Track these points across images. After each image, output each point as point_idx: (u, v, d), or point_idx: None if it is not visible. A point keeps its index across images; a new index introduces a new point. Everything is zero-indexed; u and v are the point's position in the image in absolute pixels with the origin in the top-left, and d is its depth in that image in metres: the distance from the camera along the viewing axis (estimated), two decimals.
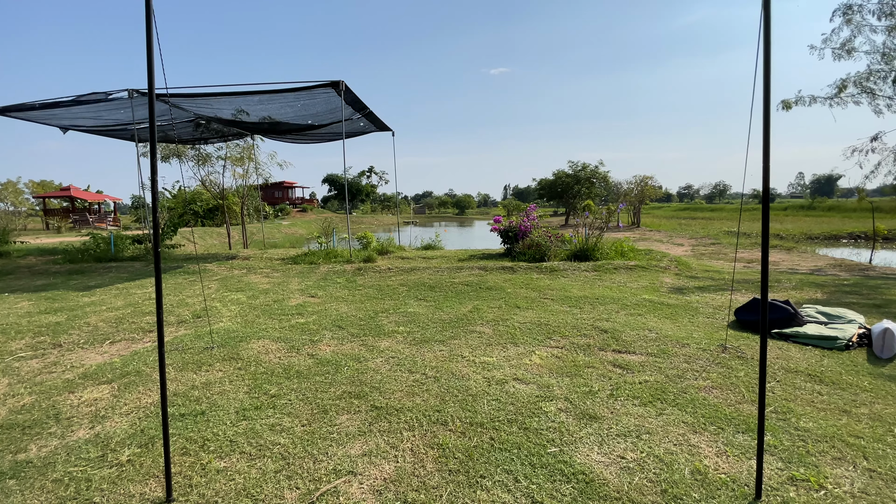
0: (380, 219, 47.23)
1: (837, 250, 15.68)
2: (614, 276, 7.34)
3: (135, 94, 9.32)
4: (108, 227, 26.90)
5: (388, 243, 11.32)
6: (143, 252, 11.03)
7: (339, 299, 5.95)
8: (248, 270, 8.63)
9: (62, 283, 7.42)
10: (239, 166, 15.71)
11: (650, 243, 16.14)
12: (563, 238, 9.75)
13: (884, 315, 4.66)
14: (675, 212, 49.40)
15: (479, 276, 7.33)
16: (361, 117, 11.01)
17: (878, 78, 11.11)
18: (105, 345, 4.14)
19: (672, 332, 4.20)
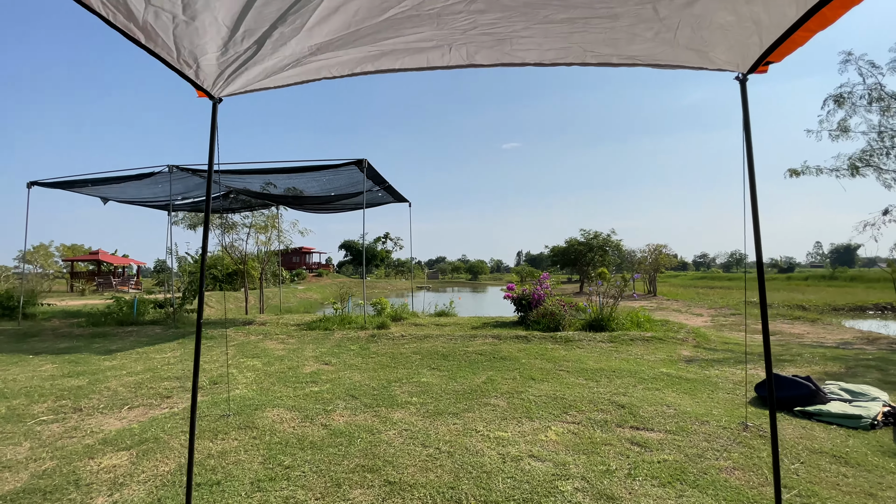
0: (393, 284, 47.62)
1: (864, 322, 15.16)
2: (630, 347, 7.24)
3: (174, 169, 10.18)
4: (130, 290, 27.67)
5: (401, 309, 11.42)
6: (163, 316, 11.31)
7: (352, 367, 5.98)
8: (264, 336, 8.75)
9: (85, 347, 7.62)
10: (262, 234, 16.46)
11: (668, 313, 15.89)
12: (577, 306, 9.75)
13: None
14: (692, 280, 48.78)
15: (493, 346, 7.31)
16: (380, 189, 11.70)
17: (880, 154, 11.48)
18: (124, 410, 4.21)
19: (691, 408, 4.11)
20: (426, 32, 1.82)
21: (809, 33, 1.47)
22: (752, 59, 1.73)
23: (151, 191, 11.68)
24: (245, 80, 1.89)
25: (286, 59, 1.84)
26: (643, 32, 1.76)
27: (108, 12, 1.37)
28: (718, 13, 1.59)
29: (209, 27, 1.49)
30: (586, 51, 1.93)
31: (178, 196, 12.33)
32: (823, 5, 1.34)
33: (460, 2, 1.63)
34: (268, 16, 1.53)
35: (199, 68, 1.73)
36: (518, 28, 1.79)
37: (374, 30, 1.75)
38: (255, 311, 16.52)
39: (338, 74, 2.08)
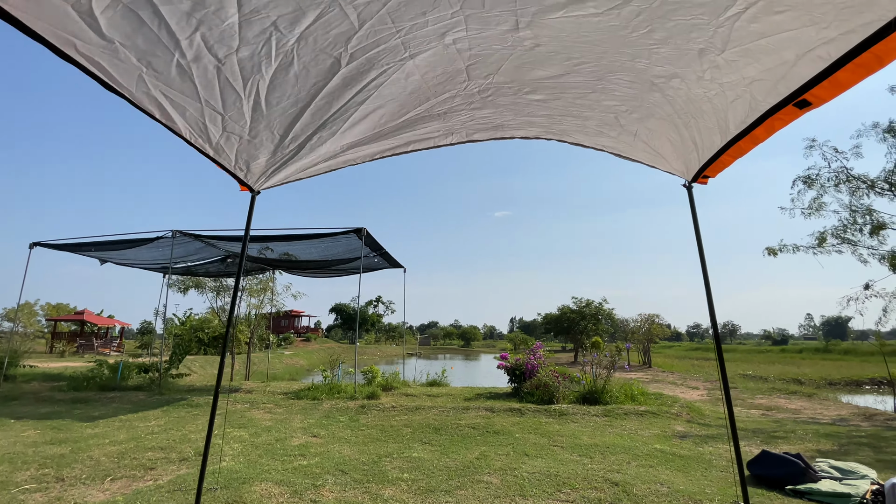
0: (383, 349, 46.55)
1: (860, 397, 15.02)
2: (625, 422, 7.16)
3: (177, 234, 10.50)
4: (112, 352, 26.80)
5: (392, 378, 11.21)
6: (147, 382, 10.98)
7: (341, 440, 5.84)
8: (250, 405, 8.52)
9: (66, 412, 7.37)
10: (255, 297, 16.47)
11: (663, 385, 15.65)
12: (571, 377, 9.69)
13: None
14: (686, 351, 48.28)
15: (487, 419, 7.19)
16: (377, 255, 12.03)
17: (854, 230, 12.01)
18: (107, 481, 4.08)
19: (684, 486, 4.07)
20: (434, 126, 2.21)
21: (732, 158, 1.84)
22: (694, 170, 2.10)
23: (151, 254, 11.91)
24: (283, 175, 2.22)
25: (320, 157, 2.18)
26: (608, 132, 2.15)
27: (192, 137, 1.70)
28: (666, 131, 1.97)
29: (265, 141, 1.82)
30: (563, 133, 2.32)
31: (176, 260, 12.54)
32: (738, 140, 1.71)
33: (462, 104, 2.02)
34: (311, 124, 1.86)
35: (249, 171, 2.05)
36: (507, 118, 2.19)
37: (393, 129, 2.12)
38: (241, 378, 16.02)
39: (360, 161, 2.44)
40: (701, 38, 1.32)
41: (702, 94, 1.59)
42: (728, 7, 1.19)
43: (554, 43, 1.45)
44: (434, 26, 1.39)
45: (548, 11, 1.29)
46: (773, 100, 1.47)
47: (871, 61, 1.17)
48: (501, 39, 1.46)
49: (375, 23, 1.34)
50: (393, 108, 1.91)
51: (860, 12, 1.08)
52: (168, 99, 1.51)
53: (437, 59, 1.57)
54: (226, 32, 1.29)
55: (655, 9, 1.23)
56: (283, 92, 1.62)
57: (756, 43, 1.28)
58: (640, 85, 1.64)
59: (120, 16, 1.17)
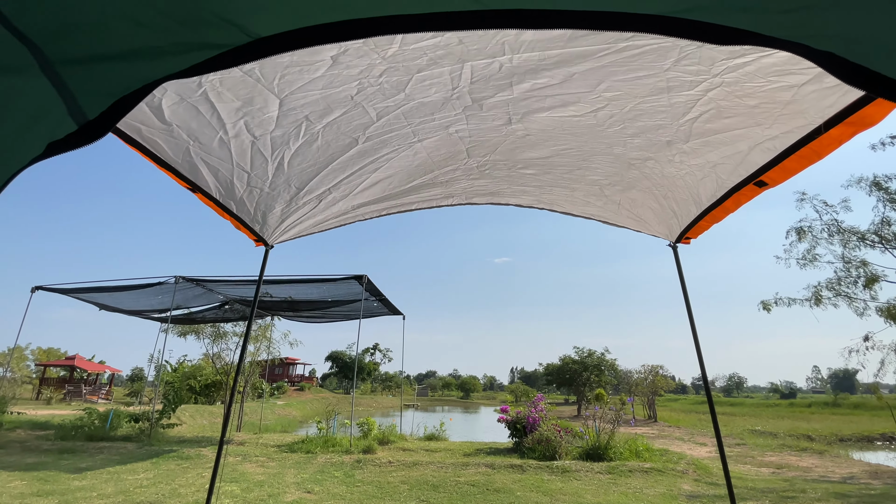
0: (379, 400, 45.10)
1: (872, 454, 14.50)
2: (629, 480, 6.94)
3: (180, 279, 10.64)
4: (100, 399, 26.04)
5: (389, 431, 10.90)
6: (136, 432, 10.66)
7: (336, 497, 5.66)
8: (242, 458, 8.27)
9: (53, 463, 7.15)
10: (252, 344, 16.28)
11: (670, 441, 15.12)
12: (574, 432, 9.44)
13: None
14: (692, 405, 46.81)
15: (487, 475, 6.97)
16: (376, 300, 12.09)
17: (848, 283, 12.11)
18: None
19: None
20: (437, 191, 2.45)
21: (708, 224, 2.06)
22: (676, 234, 2.30)
23: (149, 302, 11.96)
24: (297, 231, 2.42)
25: (332, 214, 2.39)
26: (595, 201, 2.37)
27: (219, 194, 1.90)
28: (647, 200, 2.18)
29: (282, 192, 2.02)
30: (553, 204, 2.54)
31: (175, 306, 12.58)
32: (711, 209, 1.92)
33: (462, 175, 2.26)
34: (325, 182, 2.07)
35: (265, 224, 2.25)
36: (502, 187, 2.43)
37: (400, 193, 2.35)
38: (233, 429, 15.52)
39: (367, 218, 2.67)
40: (667, 133, 1.56)
41: (674, 172, 1.81)
42: (685, 113, 1.43)
43: (542, 133, 1.69)
44: (440, 121, 1.64)
45: (535, 112, 1.53)
46: (735, 179, 1.68)
47: (810, 154, 1.38)
48: (497, 130, 1.70)
49: (391, 119, 1.58)
50: (401, 177, 2.14)
51: (793, 118, 1.30)
52: (206, 164, 1.73)
53: (442, 142, 1.82)
54: (265, 121, 1.53)
55: (626, 113, 1.47)
56: (305, 158, 1.84)
57: (714, 136, 1.51)
58: (619, 165, 1.87)
59: (183, 109, 1.40)
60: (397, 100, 1.46)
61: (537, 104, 1.46)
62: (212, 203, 1.94)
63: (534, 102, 1.45)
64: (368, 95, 1.43)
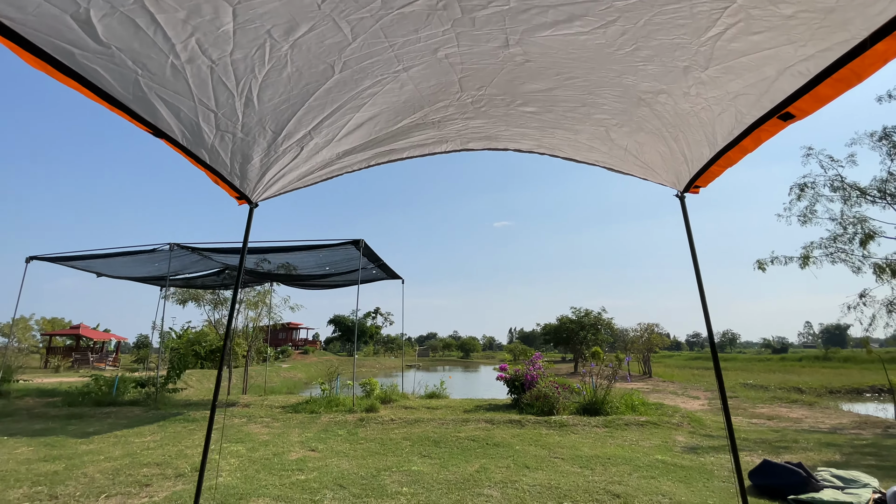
0: (382, 362, 46.20)
1: (861, 405, 14.97)
2: (625, 433, 7.12)
3: (175, 247, 10.51)
4: (108, 367, 26.56)
5: (391, 391, 11.13)
6: (143, 396, 10.87)
7: (340, 454, 5.78)
8: (248, 419, 8.44)
9: (60, 429, 7.28)
10: (252, 310, 16.37)
11: (664, 395, 15.55)
12: (571, 388, 9.63)
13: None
14: (686, 361, 48.08)
15: (486, 431, 7.13)
16: (375, 266, 12.03)
17: (844, 241, 12.14)
18: (101, 499, 4.02)
19: (686, 497, 4.04)
20: (429, 133, 2.25)
21: (721, 168, 1.88)
22: (685, 182, 2.14)
23: (146, 268, 11.89)
24: (281, 185, 2.25)
25: (317, 165, 2.21)
26: (600, 146, 2.19)
27: (187, 140, 1.72)
28: (656, 144, 2.01)
29: (258, 137, 1.83)
30: (555, 149, 2.36)
31: (174, 273, 12.51)
32: (727, 150, 1.75)
33: (455, 113, 2.06)
34: (305, 124, 1.88)
35: (246, 178, 2.07)
36: (500, 129, 2.23)
37: (388, 136, 2.16)
38: (238, 392, 15.87)
39: (356, 168, 2.46)
40: (685, 57, 1.37)
41: (688, 108, 1.63)
42: (708, 28, 1.24)
43: (544, 59, 1.49)
44: (426, 42, 1.44)
45: (536, 30, 1.33)
46: (757, 113, 1.51)
47: (849, 76, 1.21)
48: (493, 55, 1.50)
49: (369, 37, 1.38)
50: (388, 116, 1.95)
51: (834, 32, 1.12)
52: (162, 100, 1.53)
53: (431, 71, 1.62)
54: (220, 38, 1.33)
55: (639, 29, 1.28)
56: (276, 90, 1.64)
57: (738, 60, 1.33)
58: (628, 100, 1.68)
59: (117, 22, 1.21)
60: (372, 8, 1.26)
61: (539, 18, 1.27)
62: (183, 152, 1.76)
63: (535, 15, 1.25)
64: (337, 2, 1.23)
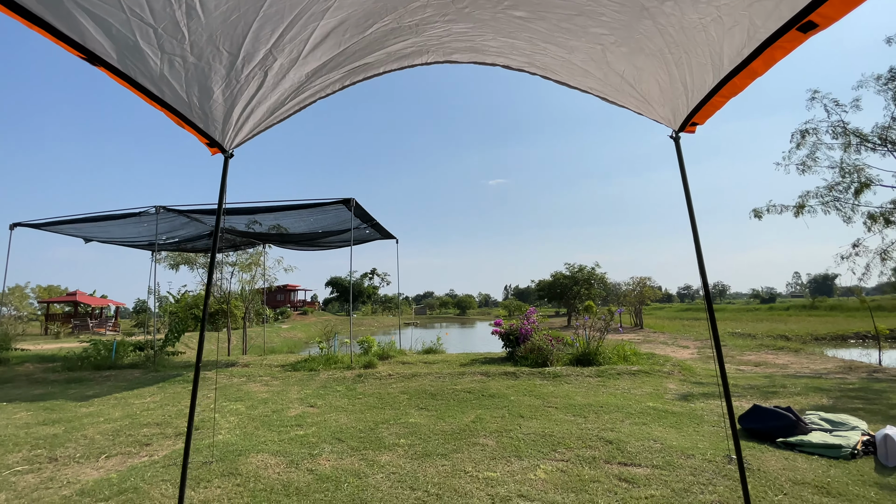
0: (380, 320, 47.00)
1: (845, 351, 15.48)
2: (618, 381, 7.28)
3: (161, 210, 10.22)
4: (108, 332, 26.79)
5: (388, 347, 11.30)
6: (143, 360, 10.97)
7: (338, 409, 5.88)
8: (247, 378, 8.55)
9: (60, 393, 7.34)
10: (246, 272, 16.30)
11: (654, 346, 15.98)
12: (564, 341, 9.80)
13: (888, 421, 4.60)
14: (677, 312, 49.30)
15: (482, 383, 7.27)
16: (368, 226, 11.85)
17: (840, 190, 12.07)
18: (101, 459, 4.07)
19: (677, 441, 4.15)
20: (407, 42, 2.01)
21: (724, 98, 1.71)
22: (682, 117, 1.96)
23: (136, 230, 11.63)
24: (252, 124, 2.03)
25: (286, 92, 1.99)
26: (594, 71, 1.98)
27: (126, 67, 1.50)
28: (655, 70, 1.81)
29: (214, 62, 1.61)
30: (547, 69, 2.13)
31: (162, 235, 12.28)
32: (733, 76, 1.57)
33: (435, 15, 1.83)
34: (263, 38, 1.64)
35: (212, 119, 1.86)
36: (487, 38, 1.99)
37: (360, 45, 1.92)
38: (238, 352, 16.11)
39: (330, 92, 2.22)
40: None
41: (696, 20, 1.43)
42: None
43: None
44: None
45: None
46: (773, 25, 1.32)
47: None
48: None
49: None
50: (357, 19, 1.71)
51: None
52: (86, 12, 1.28)
53: None
54: None
55: None
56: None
57: None
58: (630, 9, 1.47)
59: None
60: None
61: None
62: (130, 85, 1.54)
63: None
64: None
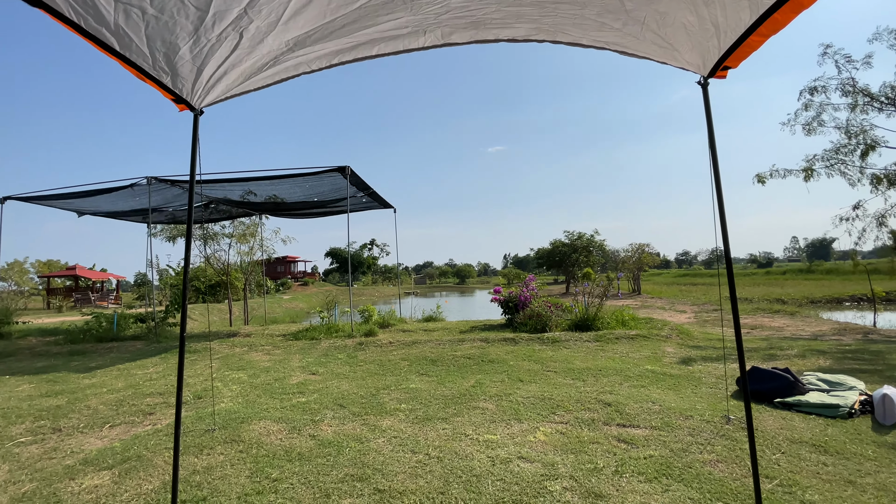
0: (381, 290, 47.35)
1: (840, 314, 15.65)
2: (616, 346, 7.34)
3: (153, 181, 10.00)
4: (110, 304, 26.97)
5: (389, 316, 11.37)
6: (144, 331, 11.04)
7: (340, 376, 5.93)
8: (249, 348, 8.62)
9: (63, 365, 7.40)
10: (244, 244, 16.19)
11: (652, 311, 16.13)
12: (563, 307, 9.84)
13: (886, 381, 4.65)
14: (675, 278, 49.63)
15: (481, 349, 7.33)
16: (364, 195, 11.66)
17: (846, 152, 11.84)
18: (105, 429, 4.10)
19: (675, 403, 4.18)
20: (401, 19, 1.83)
21: (762, 38, 1.54)
22: (712, 61, 1.80)
23: (128, 203, 11.44)
24: (225, 86, 1.88)
25: (264, 58, 1.83)
26: (611, 23, 1.81)
27: (80, 18, 1.35)
28: (681, 12, 1.65)
29: (178, 15, 1.45)
30: (557, 30, 1.96)
31: (156, 207, 12.09)
32: (775, 10, 1.41)
33: None
34: None
35: (177, 75, 1.71)
36: (490, 10, 1.82)
37: (349, 19, 1.75)
38: (240, 323, 16.24)
39: (316, 68, 2.05)
40: None
41: None
42: None
43: None
44: None
45: None
46: None
47: None
48: None
49: None
50: None
51: None
52: None
53: None
54: None
55: None
56: None
57: None
58: None
59: None
60: None
61: None
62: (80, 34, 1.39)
63: None
64: None
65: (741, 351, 1.87)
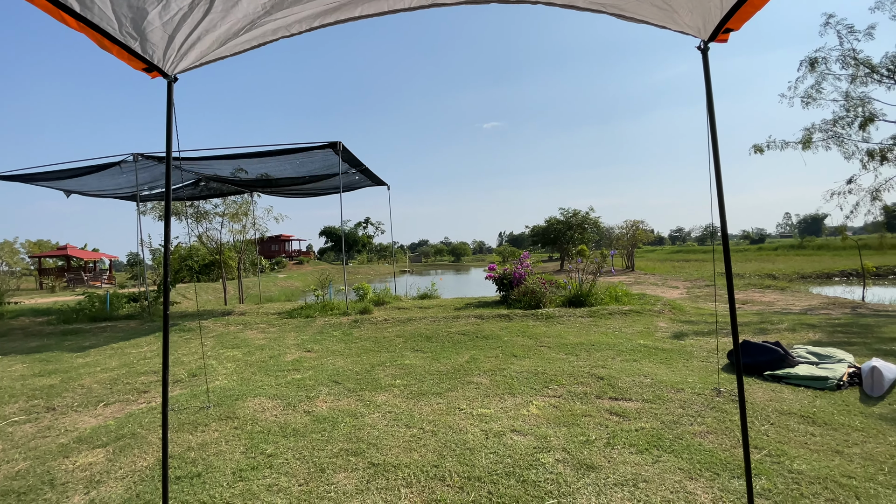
0: (376, 269, 47.37)
1: (830, 289, 15.87)
2: (609, 321, 7.40)
3: (139, 157, 9.75)
4: (103, 284, 26.81)
5: (384, 294, 11.37)
6: (138, 310, 10.99)
7: (335, 353, 5.95)
8: (243, 326, 8.61)
9: (56, 345, 7.37)
10: (236, 222, 15.99)
11: (645, 287, 16.27)
12: (557, 283, 9.88)
13: (874, 353, 4.73)
14: (668, 255, 49.99)
15: (476, 325, 7.37)
16: (357, 172, 11.47)
17: (844, 124, 11.75)
18: (99, 407, 4.10)
19: (667, 377, 4.24)
20: None
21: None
22: (714, 23, 1.71)
23: (115, 181, 11.19)
24: (199, 52, 1.77)
25: (240, 22, 1.72)
26: None
27: None
28: None
29: None
30: None
31: (145, 185, 11.85)
32: None
33: None
34: None
35: (146, 40, 1.60)
36: None
37: None
38: (235, 302, 16.23)
39: (296, 31, 1.94)
40: None
41: None
42: None
43: None
44: None
45: None
46: None
47: None
48: None
49: None
50: None
51: None
52: None
53: None
54: None
55: None
56: None
57: None
58: None
59: None
60: None
61: None
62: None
63: None
64: None
65: (735, 325, 1.85)
